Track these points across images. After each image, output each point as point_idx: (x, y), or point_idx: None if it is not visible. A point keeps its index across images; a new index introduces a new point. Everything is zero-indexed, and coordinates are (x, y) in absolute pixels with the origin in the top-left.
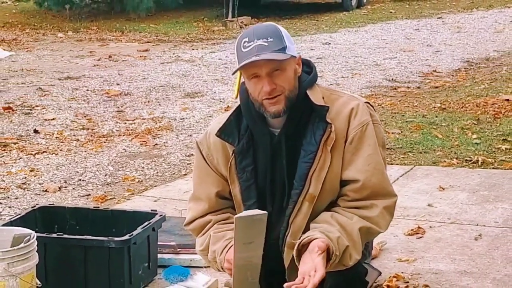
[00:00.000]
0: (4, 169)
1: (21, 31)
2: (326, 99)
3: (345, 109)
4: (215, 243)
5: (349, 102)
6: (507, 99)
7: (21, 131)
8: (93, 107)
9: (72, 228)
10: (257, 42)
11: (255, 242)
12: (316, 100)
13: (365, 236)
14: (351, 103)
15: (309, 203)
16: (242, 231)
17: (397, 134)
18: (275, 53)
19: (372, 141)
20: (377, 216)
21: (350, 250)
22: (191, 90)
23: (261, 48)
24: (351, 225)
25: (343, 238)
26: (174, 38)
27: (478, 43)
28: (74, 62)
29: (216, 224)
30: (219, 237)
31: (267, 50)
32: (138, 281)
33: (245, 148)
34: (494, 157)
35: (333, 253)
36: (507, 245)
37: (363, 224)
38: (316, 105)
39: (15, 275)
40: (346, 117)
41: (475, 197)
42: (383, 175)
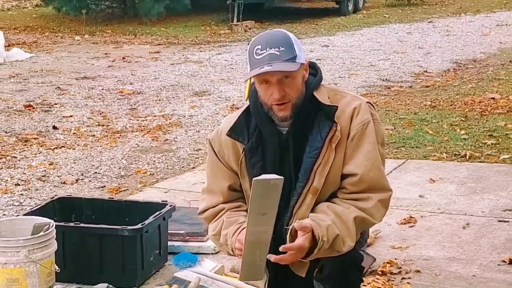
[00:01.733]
0: (25, 162)
1: (41, 34)
2: (331, 99)
3: (348, 108)
4: (227, 227)
5: (352, 101)
6: (493, 97)
7: (41, 127)
8: (108, 105)
9: (88, 218)
10: (270, 50)
11: (268, 214)
12: (323, 100)
13: (360, 225)
14: (354, 103)
15: (312, 195)
16: (258, 197)
17: (390, 130)
18: (286, 62)
19: (372, 138)
20: (372, 208)
21: (343, 237)
22: (199, 89)
23: (273, 57)
24: (347, 214)
25: (334, 226)
26: (183, 40)
27: (466, 45)
28: (90, 63)
29: (229, 211)
30: (231, 222)
31: (279, 59)
32: (149, 267)
33: (254, 146)
34: (481, 152)
35: (320, 238)
36: (492, 233)
37: (358, 214)
38: (325, 105)
39: (35, 261)
40: (349, 116)
41: (463, 189)
42: (380, 171)
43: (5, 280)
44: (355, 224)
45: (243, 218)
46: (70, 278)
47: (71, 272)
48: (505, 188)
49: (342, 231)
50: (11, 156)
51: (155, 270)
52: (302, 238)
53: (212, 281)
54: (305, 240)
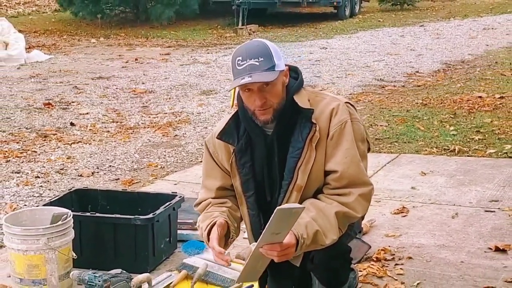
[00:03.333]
0: (45, 156)
1: (59, 37)
2: (312, 101)
3: (327, 109)
4: (203, 221)
5: (331, 103)
6: (480, 96)
7: (59, 124)
8: (122, 103)
9: (103, 208)
10: (249, 61)
11: (281, 234)
12: (303, 103)
13: (343, 219)
14: (332, 104)
15: (297, 192)
16: (277, 221)
17: (384, 127)
18: (265, 72)
19: (350, 137)
20: (353, 202)
21: (324, 232)
22: (206, 88)
23: (253, 67)
24: (329, 209)
25: (312, 223)
26: (191, 43)
27: (454, 47)
28: (105, 64)
29: (213, 206)
30: (207, 216)
31: (259, 69)
32: (160, 254)
33: (243, 147)
34: (469, 146)
35: (300, 236)
36: (479, 222)
37: (340, 209)
38: (303, 108)
39: (54, 248)
40: (328, 117)
41: (452, 181)
42: (358, 167)
43: (25, 266)
44: (337, 218)
45: (217, 213)
46: (86, 264)
47: (87, 258)
48: (491, 181)
49: (323, 226)
50: (32, 150)
51: (165, 257)
52: (287, 237)
53: (218, 267)
54: (290, 238)
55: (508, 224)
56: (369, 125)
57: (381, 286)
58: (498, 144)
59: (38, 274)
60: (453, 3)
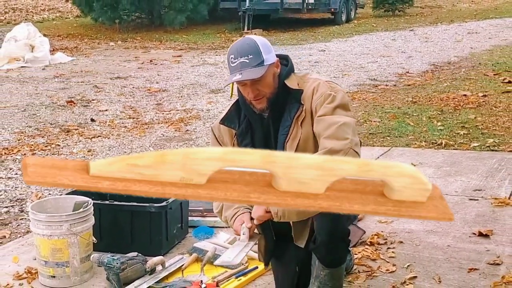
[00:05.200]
0: (68, 149)
1: (80, 40)
2: (300, 85)
3: (309, 90)
4: (226, 210)
5: (313, 83)
6: (464, 94)
7: (81, 119)
8: (138, 101)
9: (121, 197)
10: (240, 59)
11: None
12: (292, 86)
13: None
14: (314, 84)
15: None
16: None
17: (377, 122)
18: (255, 68)
19: (330, 105)
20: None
21: None
22: (215, 87)
23: (244, 64)
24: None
25: None
26: (201, 46)
27: (441, 50)
28: (122, 65)
29: None
30: (229, 206)
31: (249, 66)
32: (173, 239)
33: (244, 131)
34: (455, 140)
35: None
36: (464, 210)
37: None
38: (293, 89)
39: (76, 233)
40: (310, 95)
41: (439, 172)
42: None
43: (50, 249)
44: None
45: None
46: (105, 247)
47: (106, 242)
48: (475, 171)
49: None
50: (55, 144)
51: (177, 241)
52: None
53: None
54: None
55: (490, 211)
56: (364, 121)
57: (374, 268)
58: (481, 138)
59: (61, 257)
60: (440, 9)
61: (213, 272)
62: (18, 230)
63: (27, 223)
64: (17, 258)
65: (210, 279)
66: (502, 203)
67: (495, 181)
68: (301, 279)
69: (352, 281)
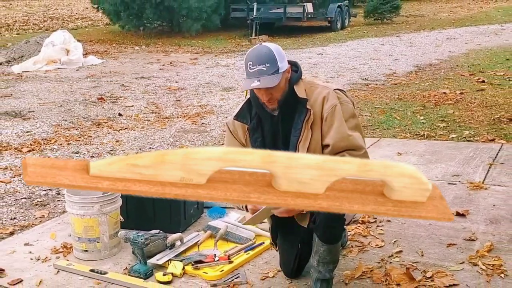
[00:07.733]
0: (98, 140)
1: (109, 45)
2: (308, 91)
3: (320, 97)
4: None
5: (322, 91)
6: (444, 92)
7: (110, 114)
8: (159, 98)
9: None
10: (258, 67)
11: None
12: (300, 93)
13: None
14: (324, 92)
15: None
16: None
17: (368, 116)
18: (271, 76)
19: (339, 116)
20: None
21: None
22: (226, 86)
23: (261, 72)
24: None
25: None
26: (215, 50)
27: (424, 53)
28: (146, 67)
29: None
30: None
31: (265, 74)
32: (190, 218)
33: (255, 126)
34: (435, 132)
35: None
36: (444, 192)
37: None
38: (300, 98)
39: (106, 213)
40: (321, 103)
41: (422, 160)
42: (348, 139)
43: (83, 227)
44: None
45: None
46: (131, 226)
47: (132, 221)
48: (453, 159)
49: None
50: (88, 135)
51: (194, 220)
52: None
53: (236, 228)
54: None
55: (466, 194)
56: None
57: (365, 243)
58: (458, 130)
59: (93, 233)
60: (423, 18)
61: (225, 247)
62: (55, 210)
63: (63, 204)
64: (54, 235)
65: (223, 252)
66: (476, 186)
67: (471, 167)
68: (303, 253)
69: (346, 255)
